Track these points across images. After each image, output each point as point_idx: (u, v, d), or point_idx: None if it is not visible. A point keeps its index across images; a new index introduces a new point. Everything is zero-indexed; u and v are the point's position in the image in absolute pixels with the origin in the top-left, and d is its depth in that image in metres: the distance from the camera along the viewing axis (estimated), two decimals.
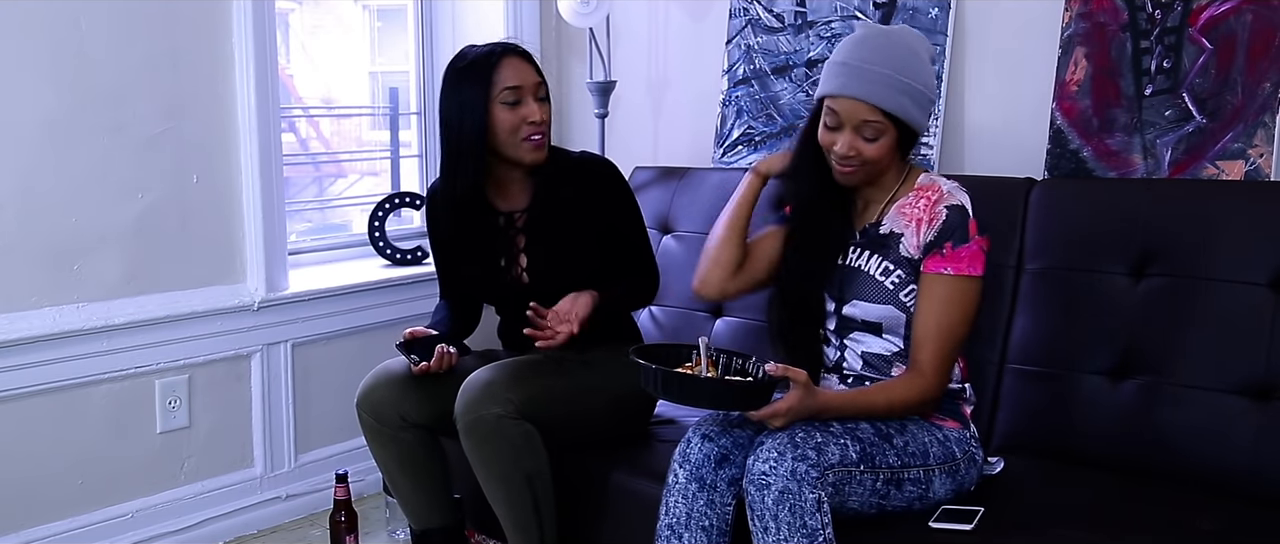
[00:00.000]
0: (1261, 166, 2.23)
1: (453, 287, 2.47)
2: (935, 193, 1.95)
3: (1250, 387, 2.01)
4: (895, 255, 1.96)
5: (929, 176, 2.00)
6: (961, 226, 1.91)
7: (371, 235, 3.22)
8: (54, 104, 2.42)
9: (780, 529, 1.70)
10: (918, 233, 1.94)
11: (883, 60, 1.90)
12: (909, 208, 1.96)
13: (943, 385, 1.92)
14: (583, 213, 2.31)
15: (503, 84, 2.22)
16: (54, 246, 2.46)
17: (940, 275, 1.90)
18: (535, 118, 2.24)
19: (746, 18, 2.98)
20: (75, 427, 2.53)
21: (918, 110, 1.92)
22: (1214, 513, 1.88)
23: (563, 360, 2.26)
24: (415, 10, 3.41)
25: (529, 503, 2.12)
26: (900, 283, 1.95)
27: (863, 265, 1.99)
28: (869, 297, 1.97)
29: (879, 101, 1.88)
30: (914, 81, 1.90)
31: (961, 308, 1.91)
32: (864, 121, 1.90)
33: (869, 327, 1.98)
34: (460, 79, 2.25)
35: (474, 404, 2.10)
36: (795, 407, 1.76)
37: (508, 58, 2.25)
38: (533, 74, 2.27)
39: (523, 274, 2.34)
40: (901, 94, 1.89)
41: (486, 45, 2.29)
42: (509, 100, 2.22)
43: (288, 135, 3.23)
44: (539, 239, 2.32)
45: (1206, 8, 2.30)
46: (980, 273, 1.92)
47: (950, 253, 1.90)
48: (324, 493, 2.88)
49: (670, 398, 1.92)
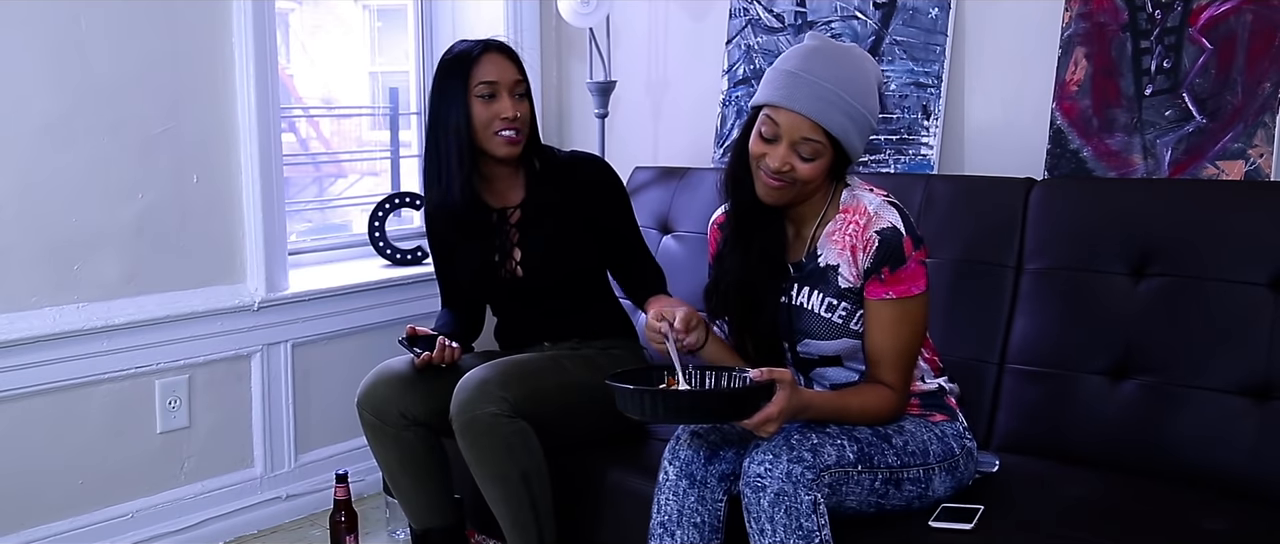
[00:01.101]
0: (1261, 167, 2.23)
1: (453, 292, 2.48)
2: (862, 215, 1.87)
3: (1250, 387, 2.01)
4: (835, 289, 1.90)
5: (851, 194, 1.91)
6: (897, 249, 1.84)
7: (371, 235, 3.22)
8: (54, 104, 2.42)
9: (776, 531, 1.70)
10: (853, 262, 1.88)
11: (832, 77, 1.82)
12: (839, 234, 1.89)
13: (908, 395, 1.92)
14: (575, 208, 2.33)
15: (479, 78, 2.26)
16: (54, 247, 2.46)
17: (883, 301, 1.86)
18: (508, 113, 2.26)
19: (746, 18, 2.98)
20: (75, 427, 2.53)
21: (857, 136, 1.85)
22: (1214, 513, 1.87)
23: (557, 358, 2.27)
24: (415, 10, 3.42)
25: (526, 501, 2.12)
26: (848, 314, 1.91)
27: (805, 303, 1.93)
28: (820, 334, 1.92)
29: (823, 120, 1.81)
30: (860, 105, 1.83)
31: (910, 325, 1.87)
32: (804, 139, 1.82)
33: (827, 361, 1.95)
34: (444, 73, 2.30)
35: (468, 403, 2.10)
36: (785, 407, 1.73)
37: (489, 54, 2.28)
38: (512, 71, 2.30)
39: (517, 268, 2.35)
40: (845, 116, 1.82)
41: (472, 41, 2.33)
42: (484, 94, 2.26)
43: (288, 135, 3.23)
44: (533, 234, 2.34)
45: (1206, 8, 2.30)
46: (923, 288, 1.88)
47: (889, 277, 1.85)
48: (324, 493, 2.87)
49: (655, 419, 1.84)
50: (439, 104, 2.30)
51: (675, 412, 1.79)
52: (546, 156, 2.39)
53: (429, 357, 2.22)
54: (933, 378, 2.00)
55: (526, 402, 2.12)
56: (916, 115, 2.68)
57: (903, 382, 1.89)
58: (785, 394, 1.73)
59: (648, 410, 1.75)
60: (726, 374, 1.85)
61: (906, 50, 2.69)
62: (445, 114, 2.28)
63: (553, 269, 2.32)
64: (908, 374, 1.90)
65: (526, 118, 2.32)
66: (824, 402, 1.84)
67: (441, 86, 2.30)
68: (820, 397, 1.85)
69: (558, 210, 2.33)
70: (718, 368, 1.88)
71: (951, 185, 2.47)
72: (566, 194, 2.34)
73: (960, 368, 2.17)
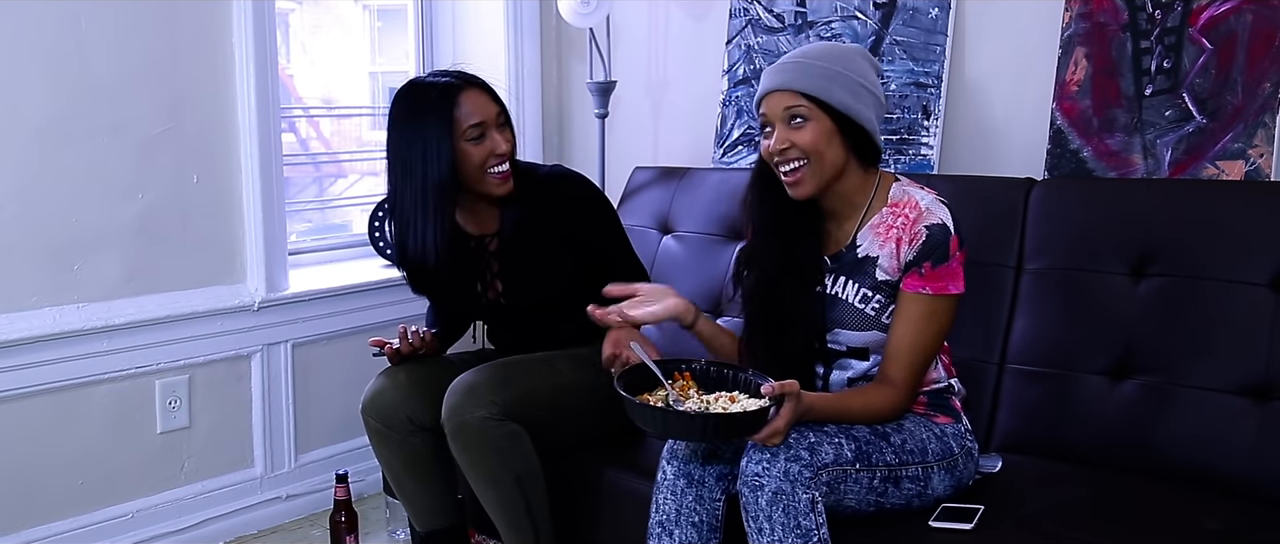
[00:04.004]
0: (1261, 167, 2.23)
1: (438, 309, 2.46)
2: (914, 209, 1.88)
3: (1250, 387, 2.00)
4: (872, 280, 1.90)
5: (902, 188, 1.92)
6: (943, 245, 1.85)
7: (371, 235, 3.22)
8: (54, 104, 2.42)
9: (774, 530, 1.70)
10: (896, 253, 1.88)
11: (801, 52, 1.88)
12: (885, 226, 1.90)
13: (913, 398, 1.91)
14: (555, 231, 2.27)
15: (467, 122, 2.14)
16: (54, 247, 2.46)
17: (919, 295, 1.86)
18: (501, 149, 2.18)
19: (746, 18, 2.98)
20: (75, 427, 2.53)
21: (848, 96, 1.84)
22: (1214, 513, 1.87)
23: (549, 359, 2.26)
24: (415, 10, 3.42)
25: (521, 504, 2.12)
26: (881, 308, 1.91)
27: (841, 293, 1.93)
28: (851, 324, 1.93)
29: (796, 85, 1.84)
30: (844, 70, 1.84)
31: (938, 325, 1.88)
32: (785, 109, 1.85)
33: (855, 352, 1.96)
34: (418, 117, 2.15)
35: (458, 408, 2.09)
36: (792, 419, 1.74)
37: (467, 91, 2.17)
38: (493, 104, 2.20)
39: (499, 297, 2.33)
40: (823, 79, 1.84)
41: (440, 79, 2.19)
42: (474, 137, 2.16)
43: (288, 135, 3.23)
44: (512, 262, 2.29)
45: (1206, 8, 2.30)
46: (961, 290, 1.88)
47: (929, 272, 1.86)
48: (324, 493, 2.88)
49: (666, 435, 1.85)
50: (411, 148, 2.14)
51: (691, 431, 1.79)
52: (524, 175, 2.28)
53: (392, 347, 2.24)
54: (946, 377, 2.00)
55: (517, 404, 2.11)
56: (916, 115, 2.68)
57: (911, 380, 1.89)
58: (791, 406, 1.73)
59: (659, 426, 1.76)
60: (739, 373, 1.85)
61: (906, 50, 2.69)
62: (423, 161, 2.13)
63: (534, 292, 2.29)
64: (919, 374, 1.90)
65: (513, 146, 2.24)
66: (825, 403, 1.83)
67: (416, 129, 2.14)
68: (821, 399, 1.84)
69: (537, 232, 2.26)
70: (731, 367, 1.88)
71: (951, 185, 2.45)
72: (546, 214, 2.26)
73: (960, 368, 2.16)
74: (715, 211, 2.78)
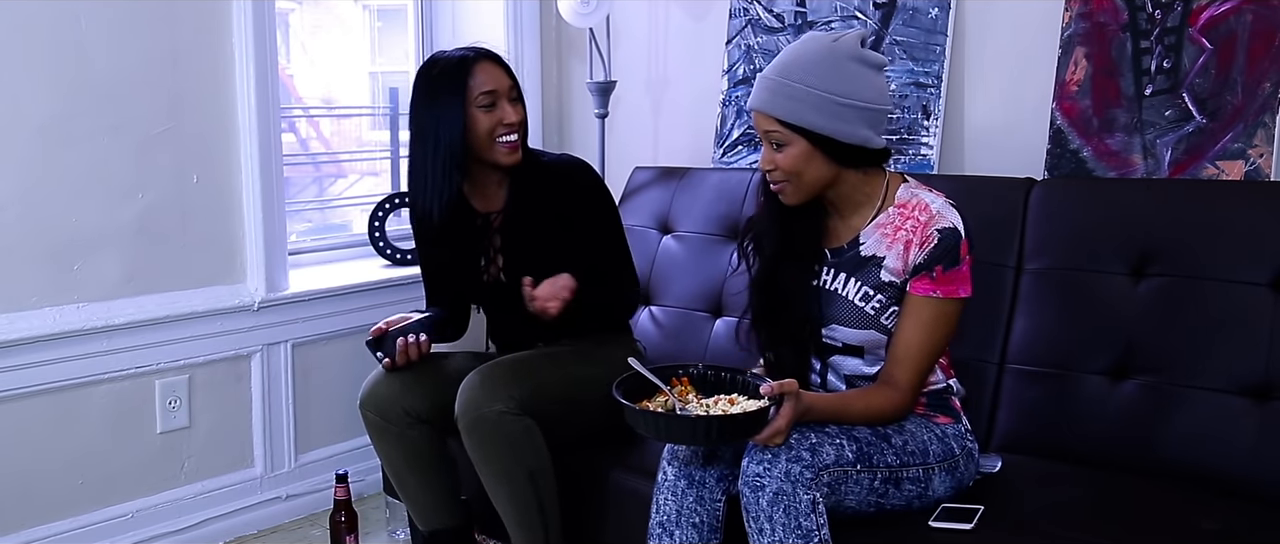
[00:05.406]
0: (1261, 167, 2.23)
1: (438, 290, 2.47)
2: (924, 212, 1.87)
3: (1250, 387, 2.00)
4: (875, 280, 1.90)
5: (909, 189, 1.92)
6: (954, 249, 1.85)
7: (371, 235, 3.22)
8: (54, 104, 2.42)
9: (775, 530, 1.70)
10: (904, 255, 1.88)
11: (783, 69, 1.84)
12: (892, 227, 1.90)
13: (915, 401, 1.91)
14: (558, 214, 2.32)
15: (479, 89, 2.23)
16: (54, 247, 2.46)
17: (929, 298, 1.87)
18: (510, 119, 2.25)
19: (746, 18, 2.98)
20: (75, 427, 2.53)
21: (815, 113, 1.81)
22: (1214, 513, 1.87)
23: (554, 353, 2.27)
24: (415, 10, 3.42)
25: (532, 501, 2.12)
26: (881, 308, 1.91)
27: (839, 289, 1.94)
28: (847, 321, 1.93)
29: (770, 109, 1.84)
30: (816, 88, 1.81)
31: (944, 328, 1.88)
32: (766, 132, 1.87)
33: (850, 350, 1.96)
34: (435, 86, 2.26)
35: (474, 402, 2.10)
36: (792, 419, 1.74)
37: (481, 62, 2.26)
38: (506, 77, 2.29)
39: (500, 273, 2.35)
40: (794, 101, 1.82)
41: (458, 51, 2.30)
42: (485, 104, 2.24)
43: (288, 135, 3.23)
44: (515, 239, 2.34)
45: (1206, 8, 2.30)
46: (968, 294, 1.89)
47: (940, 276, 1.86)
48: (324, 493, 2.88)
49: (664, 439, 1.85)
50: (428, 115, 2.26)
51: (692, 435, 1.79)
52: (532, 159, 2.36)
53: (391, 363, 2.24)
54: (944, 378, 2.00)
55: (531, 398, 2.12)
56: (916, 115, 2.68)
57: (914, 383, 1.89)
58: (791, 406, 1.73)
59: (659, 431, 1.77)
60: (737, 376, 1.85)
61: (906, 50, 2.69)
62: (437, 126, 2.24)
63: (534, 273, 2.29)
64: (923, 377, 1.90)
65: (523, 121, 2.31)
66: (826, 404, 1.83)
67: (432, 98, 2.25)
68: (822, 399, 1.84)
69: (540, 215, 2.32)
70: (728, 370, 1.88)
71: (951, 185, 2.44)
72: (550, 198, 2.33)
73: (960, 368, 2.16)
74: (715, 211, 2.78)
